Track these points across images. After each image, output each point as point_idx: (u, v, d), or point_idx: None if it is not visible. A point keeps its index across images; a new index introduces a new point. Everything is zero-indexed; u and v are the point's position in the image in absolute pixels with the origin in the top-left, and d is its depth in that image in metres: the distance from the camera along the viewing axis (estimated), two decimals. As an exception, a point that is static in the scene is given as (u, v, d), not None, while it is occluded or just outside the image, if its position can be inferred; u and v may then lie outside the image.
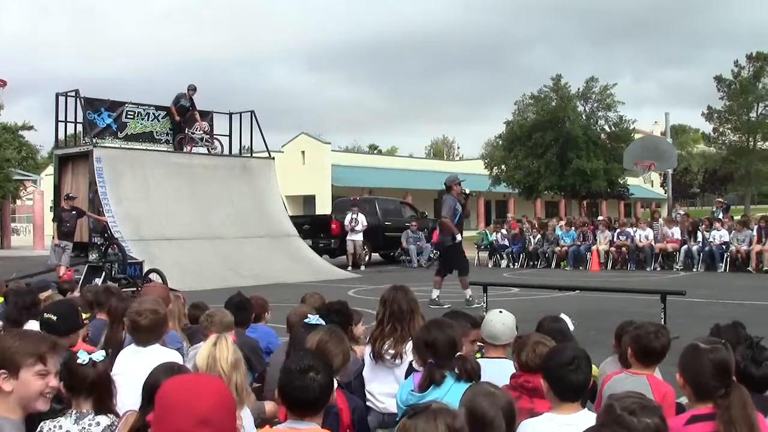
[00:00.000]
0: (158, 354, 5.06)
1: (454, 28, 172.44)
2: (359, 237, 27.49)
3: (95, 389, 3.92)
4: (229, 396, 2.74)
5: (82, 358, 3.93)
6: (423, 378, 4.59)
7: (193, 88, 24.94)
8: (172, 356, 5.07)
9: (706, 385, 3.67)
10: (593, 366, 4.62)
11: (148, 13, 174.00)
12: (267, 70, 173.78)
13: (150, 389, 3.83)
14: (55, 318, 5.54)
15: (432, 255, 28.33)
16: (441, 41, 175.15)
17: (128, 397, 4.18)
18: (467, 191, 16.39)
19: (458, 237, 15.85)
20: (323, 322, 5.48)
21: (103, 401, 3.95)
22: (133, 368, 4.31)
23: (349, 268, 26.06)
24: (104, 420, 3.89)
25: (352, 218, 27.50)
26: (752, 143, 54.69)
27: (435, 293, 15.44)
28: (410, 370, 5.18)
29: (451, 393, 4.35)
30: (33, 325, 6.23)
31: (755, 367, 4.25)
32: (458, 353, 4.67)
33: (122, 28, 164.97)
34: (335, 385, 4.54)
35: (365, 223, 27.70)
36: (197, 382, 2.77)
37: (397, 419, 4.72)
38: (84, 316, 6.05)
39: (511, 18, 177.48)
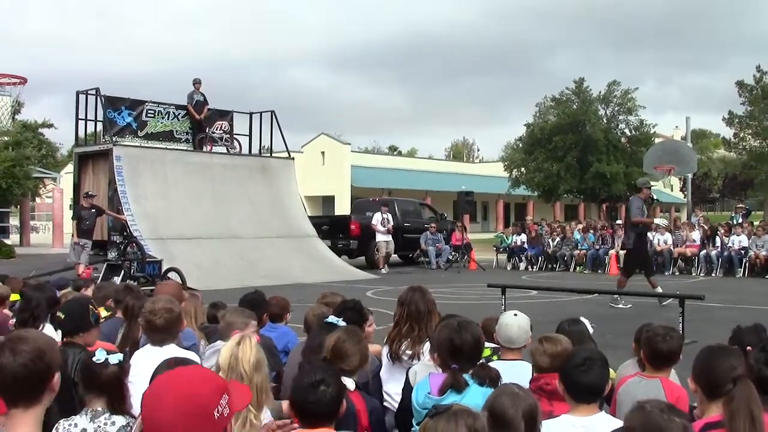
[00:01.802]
0: (174, 354, 4.95)
1: (475, 31, 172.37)
2: (390, 237, 27.18)
3: (106, 389, 3.91)
4: (201, 400, 2.49)
5: (99, 357, 3.92)
6: (445, 383, 4.57)
7: (198, 81, 25.01)
8: (188, 357, 5.03)
9: (713, 383, 3.72)
10: (611, 370, 4.60)
11: (169, 12, 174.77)
12: (287, 71, 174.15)
13: None
14: (63, 316, 5.54)
15: (450, 257, 28.29)
16: (461, 44, 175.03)
17: (143, 398, 4.16)
18: (654, 197, 15.96)
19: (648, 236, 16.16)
20: (343, 323, 5.47)
21: (116, 402, 3.95)
22: (148, 369, 4.28)
23: (384, 269, 25.96)
24: (120, 420, 3.89)
25: (383, 218, 27.07)
26: (773, 149, 54.30)
27: (658, 290, 15.28)
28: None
29: (469, 395, 4.32)
30: (48, 329, 6.21)
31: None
32: (480, 361, 4.64)
33: (143, 27, 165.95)
34: (353, 386, 4.54)
35: (393, 224, 27.53)
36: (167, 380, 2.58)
37: (414, 421, 4.72)
38: (104, 314, 5.98)
39: (532, 22, 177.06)
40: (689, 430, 3.11)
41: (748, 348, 4.61)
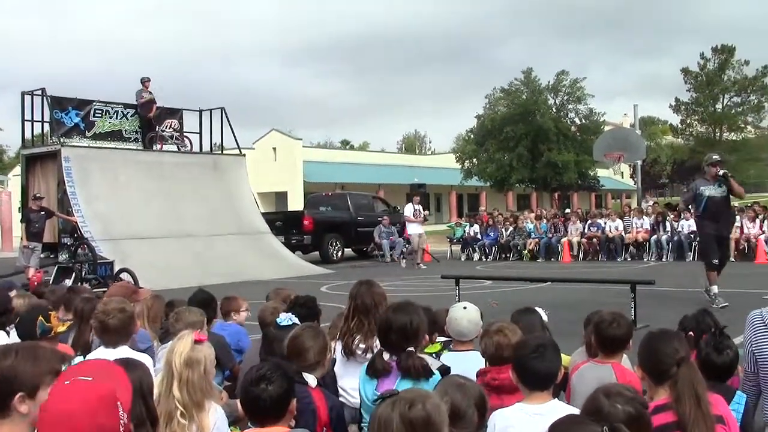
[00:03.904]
0: (126, 356, 4.88)
1: (426, 23, 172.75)
2: (422, 228, 26.09)
3: None
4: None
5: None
6: (368, 365, 4.62)
7: (147, 79, 24.70)
8: (141, 359, 4.96)
9: (658, 368, 3.77)
10: (565, 356, 4.64)
11: (116, 8, 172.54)
12: (237, 67, 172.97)
13: None
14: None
15: (404, 249, 28.32)
16: (412, 37, 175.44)
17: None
18: (721, 173, 13.34)
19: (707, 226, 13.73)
20: (297, 321, 5.42)
21: None
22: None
23: (421, 265, 25.02)
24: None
25: (415, 209, 25.87)
26: (718, 134, 55.29)
27: (713, 289, 13.45)
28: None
29: (400, 386, 4.31)
30: (1, 336, 6.09)
31: (717, 354, 4.30)
32: (409, 348, 4.64)
33: (90, 24, 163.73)
34: (314, 382, 4.52)
35: (425, 212, 26.86)
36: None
37: (364, 412, 4.74)
38: (61, 329, 5.78)
39: (483, 13, 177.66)
40: (639, 417, 3.15)
41: (690, 333, 4.69)
